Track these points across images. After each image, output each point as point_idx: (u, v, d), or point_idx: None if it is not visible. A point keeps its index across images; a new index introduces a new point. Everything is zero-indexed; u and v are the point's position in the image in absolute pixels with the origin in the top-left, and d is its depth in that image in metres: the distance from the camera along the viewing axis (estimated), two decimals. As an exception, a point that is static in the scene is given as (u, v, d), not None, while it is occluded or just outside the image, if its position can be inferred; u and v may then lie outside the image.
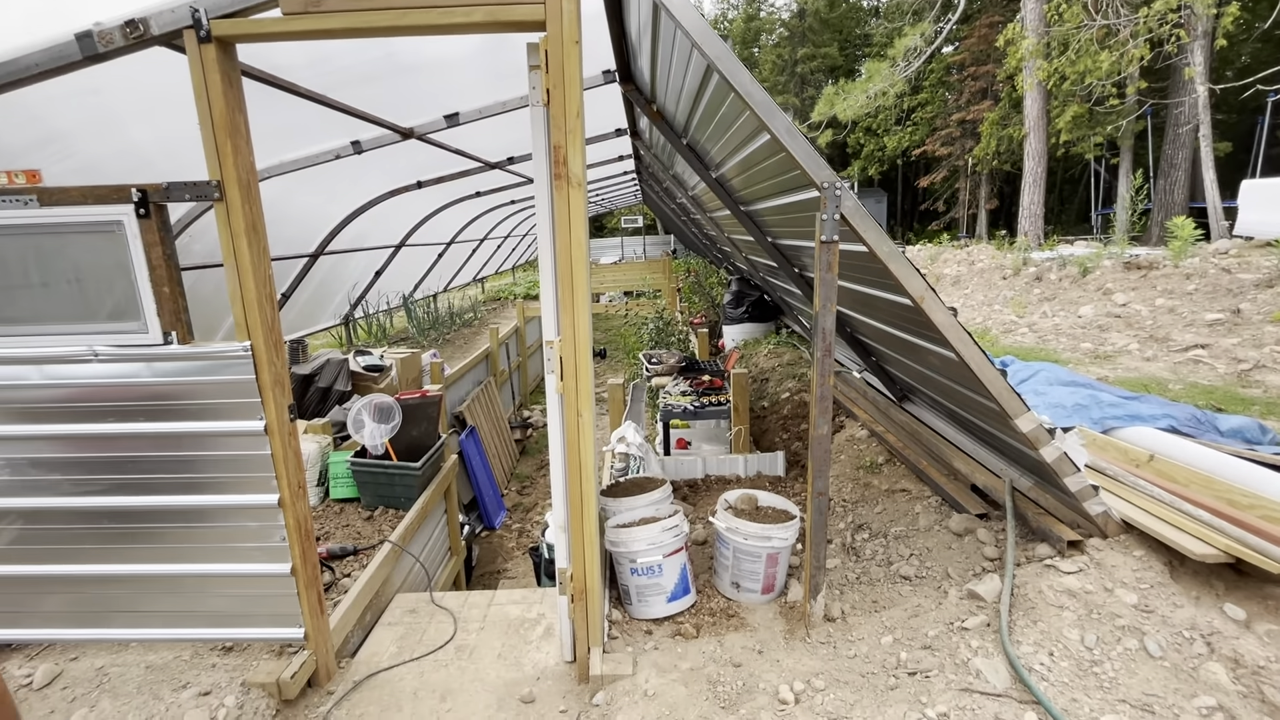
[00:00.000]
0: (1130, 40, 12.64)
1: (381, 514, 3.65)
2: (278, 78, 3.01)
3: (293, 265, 6.49)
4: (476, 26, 1.84)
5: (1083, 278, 8.67)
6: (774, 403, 6.03)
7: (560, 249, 2.06)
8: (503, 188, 8.09)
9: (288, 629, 2.38)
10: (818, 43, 30.39)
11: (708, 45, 1.97)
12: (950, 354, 2.30)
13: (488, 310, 13.76)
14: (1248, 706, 1.80)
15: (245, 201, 2.00)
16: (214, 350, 2.12)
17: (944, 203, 26.63)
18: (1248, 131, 18.35)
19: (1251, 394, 4.52)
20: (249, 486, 2.25)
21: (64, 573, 2.32)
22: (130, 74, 2.53)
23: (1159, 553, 2.30)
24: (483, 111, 4.17)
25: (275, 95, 3.22)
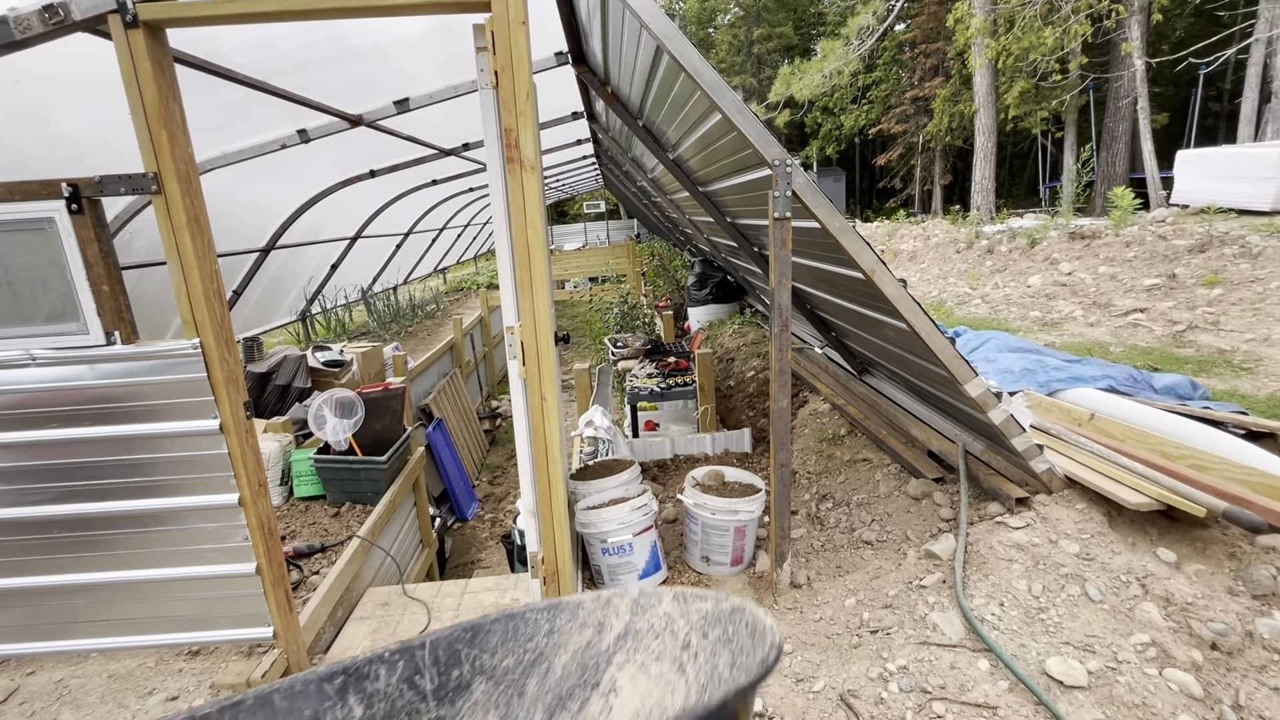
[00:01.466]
0: (1072, 16, 13.02)
1: (349, 510, 3.61)
2: (215, 64, 2.89)
3: (244, 261, 6.28)
4: (418, 8, 1.80)
5: (1031, 249, 8.98)
6: (740, 381, 6.12)
7: (516, 233, 2.05)
8: (460, 175, 7.94)
9: (256, 629, 2.35)
10: (773, 22, 30.42)
11: (655, 24, 1.97)
12: (902, 324, 2.38)
13: (451, 301, 13.55)
14: (1178, 640, 1.94)
15: (185, 194, 1.93)
16: (161, 349, 2.05)
17: (900, 180, 27.14)
18: (1183, 104, 19.16)
19: (1185, 353, 4.78)
20: (207, 487, 2.20)
21: (16, 585, 2.24)
22: (61, 61, 2.40)
23: (1099, 504, 2.44)
24: (433, 96, 4.08)
25: (215, 82, 3.09)
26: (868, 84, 26.27)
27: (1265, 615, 2.01)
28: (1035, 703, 1.79)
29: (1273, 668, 1.90)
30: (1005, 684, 1.86)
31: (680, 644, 1.12)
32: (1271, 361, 4.38)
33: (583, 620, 1.22)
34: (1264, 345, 4.78)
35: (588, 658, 1.19)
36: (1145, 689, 1.79)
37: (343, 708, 1.06)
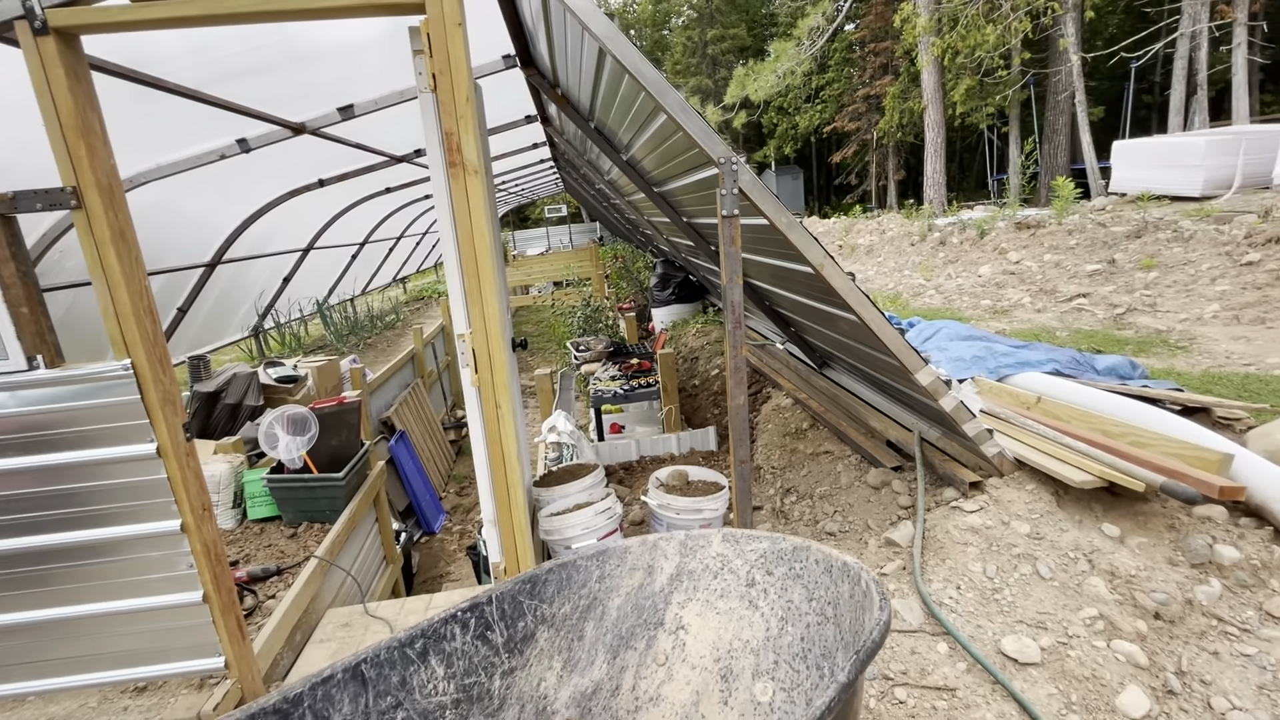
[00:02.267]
0: (1012, 14, 13.50)
1: (306, 530, 3.50)
2: (142, 73, 2.77)
3: (188, 276, 6.05)
4: (350, 10, 1.76)
5: (981, 240, 9.26)
6: (704, 380, 6.15)
7: (463, 239, 2.02)
8: (414, 182, 7.80)
9: (206, 659, 2.25)
10: (726, 23, 30.77)
11: (595, 25, 1.96)
12: (853, 317, 2.42)
13: (411, 311, 13.31)
14: (1123, 612, 2.01)
15: (108, 207, 1.84)
16: (89, 372, 1.95)
17: (856, 176, 27.73)
18: (1117, 97, 20.04)
19: (1125, 335, 4.98)
20: (146, 514, 2.10)
21: (-64, 630, 2.10)
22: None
23: (1047, 485, 2.52)
24: (379, 102, 3.99)
25: (147, 92, 2.96)
26: (820, 84, 26.78)
27: (1203, 583, 2.10)
28: (992, 682, 1.84)
29: (1211, 633, 1.98)
30: (963, 665, 1.90)
31: (744, 581, 1.24)
32: (1204, 340, 4.59)
33: (631, 564, 1.36)
34: (1197, 324, 5.02)
35: (642, 599, 1.32)
36: (1095, 661, 1.85)
37: (426, 670, 1.11)
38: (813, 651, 1.09)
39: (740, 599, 1.26)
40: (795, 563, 1.20)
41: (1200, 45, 13.93)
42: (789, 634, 1.16)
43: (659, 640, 1.29)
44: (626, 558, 1.34)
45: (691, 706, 1.20)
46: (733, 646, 1.23)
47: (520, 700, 1.18)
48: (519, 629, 1.22)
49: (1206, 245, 6.53)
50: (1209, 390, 3.42)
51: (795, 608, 1.16)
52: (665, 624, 1.30)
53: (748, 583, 1.25)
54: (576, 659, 1.26)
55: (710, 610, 1.28)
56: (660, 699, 1.23)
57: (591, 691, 1.23)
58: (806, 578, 1.16)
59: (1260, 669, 1.85)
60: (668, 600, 1.32)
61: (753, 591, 1.24)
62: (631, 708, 1.23)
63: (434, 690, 1.10)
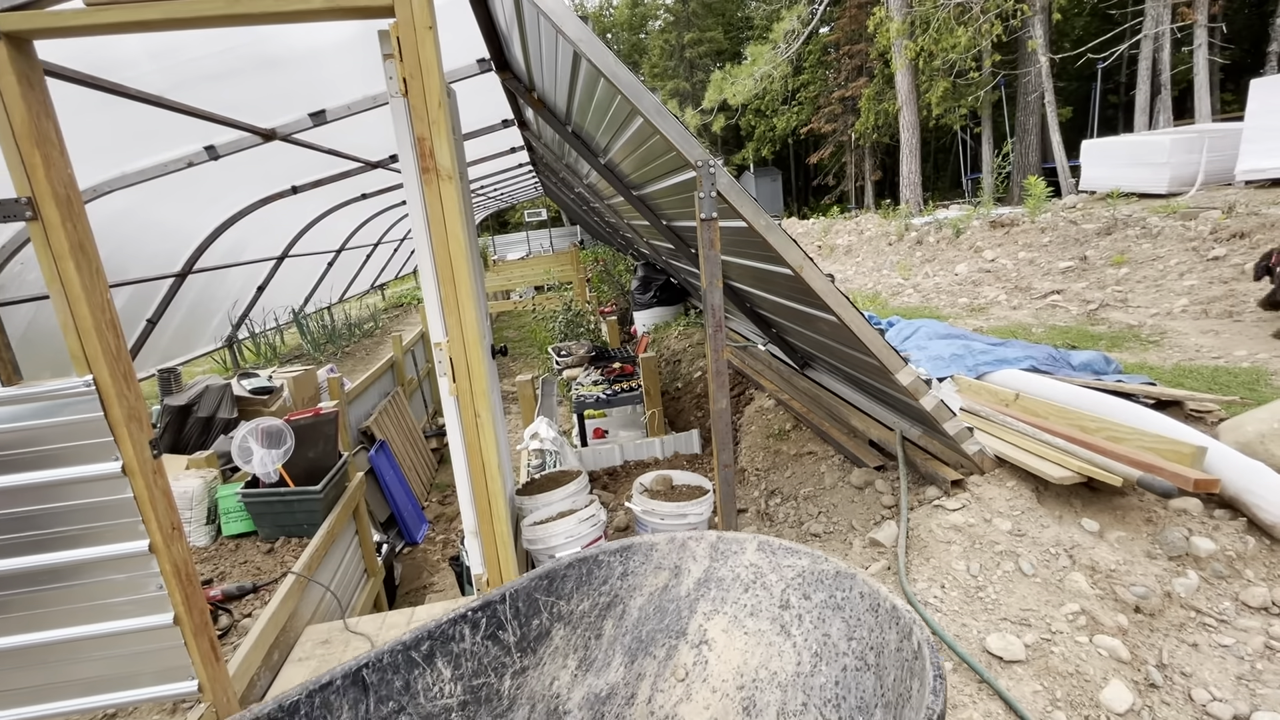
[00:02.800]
0: (982, 16, 13.75)
1: (283, 545, 3.42)
2: (99, 78, 2.69)
3: (158, 287, 5.89)
4: (316, 15, 1.71)
5: (957, 238, 9.39)
6: (687, 382, 6.15)
7: (438, 245, 1.98)
8: (390, 188, 7.70)
9: (179, 683, 2.18)
10: (703, 27, 30.94)
11: (569, 29, 1.94)
12: (832, 317, 2.42)
13: (390, 318, 13.14)
14: (1104, 606, 2.03)
15: (66, 218, 1.78)
16: (47, 390, 1.88)
17: (834, 177, 28.01)
18: (1085, 97, 20.51)
19: (1099, 330, 5.07)
20: (112, 535, 2.03)
21: (-111, 663, 2.00)
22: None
23: (1027, 481, 2.54)
24: (352, 108, 3.93)
25: (110, 99, 2.88)
26: (796, 86, 27.01)
27: (1181, 575, 2.13)
28: (978, 681, 1.84)
29: (1190, 625, 2.01)
30: (949, 665, 1.90)
31: (778, 602, 1.14)
32: (1175, 334, 4.69)
33: (657, 563, 1.27)
34: (1167, 319, 5.12)
35: (666, 602, 1.24)
36: (1078, 657, 1.86)
37: (432, 672, 1.04)
38: (847, 701, 0.99)
39: (772, 621, 1.16)
40: (837, 590, 1.09)
41: (1163, 46, 14.31)
42: (823, 674, 1.05)
43: (680, 651, 1.23)
44: (652, 555, 1.28)
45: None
46: (759, 675, 1.14)
47: (531, 700, 1.14)
48: (533, 627, 1.18)
49: (1174, 241, 6.68)
50: (1181, 384, 3.49)
51: (833, 644, 1.06)
52: (688, 634, 1.23)
53: (781, 604, 1.15)
54: (593, 658, 1.21)
55: (738, 628, 1.19)
56: (676, 718, 1.16)
57: (606, 695, 1.18)
58: (848, 611, 1.06)
59: (1238, 659, 1.88)
60: (693, 608, 1.25)
61: (786, 615, 1.14)
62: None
63: (439, 693, 1.07)
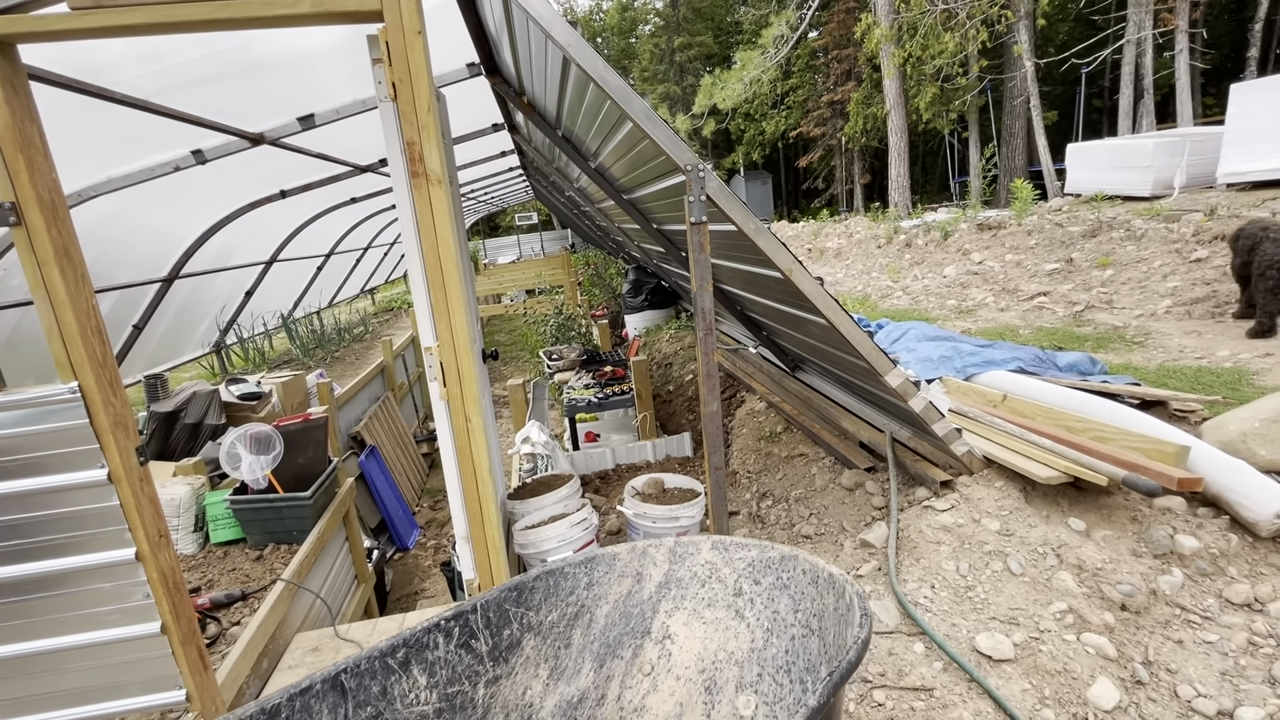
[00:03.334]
0: (968, 22, 13.90)
1: (272, 552, 3.40)
2: (85, 82, 2.67)
3: (144, 292, 5.84)
4: (304, 19, 1.71)
5: (945, 241, 9.47)
6: (679, 385, 6.16)
7: (427, 250, 1.98)
8: (380, 192, 7.67)
9: (166, 693, 2.16)
10: (693, 31, 31.07)
11: (558, 34, 1.95)
12: (822, 320, 2.44)
13: (380, 322, 13.08)
14: (1091, 605, 2.05)
15: (51, 224, 1.76)
16: (33, 396, 1.86)
17: (823, 180, 28.17)
18: (1069, 101, 20.78)
19: (1085, 331, 5.13)
20: (98, 543, 2.01)
21: None
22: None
23: (1015, 481, 2.57)
24: (340, 112, 3.91)
25: (95, 103, 2.85)
26: (785, 90, 27.17)
27: (1165, 573, 2.16)
28: (968, 680, 1.85)
29: (1175, 622, 2.03)
30: (940, 665, 1.92)
31: (731, 590, 1.22)
32: (1159, 335, 4.75)
33: (620, 571, 1.33)
34: (1151, 320, 5.19)
35: (630, 607, 1.30)
36: (1065, 655, 1.88)
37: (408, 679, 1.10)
38: (796, 665, 1.08)
39: (727, 608, 1.25)
40: (783, 572, 1.20)
41: (1145, 51, 14.53)
42: (774, 646, 1.16)
43: (645, 649, 1.29)
44: (615, 564, 1.34)
45: (675, 718, 1.20)
46: (718, 658, 1.23)
47: (505, 709, 1.18)
48: (504, 637, 1.22)
49: (1158, 243, 6.77)
50: (1165, 384, 3.53)
51: (781, 619, 1.16)
52: (652, 633, 1.30)
53: (735, 592, 1.25)
54: (563, 667, 1.25)
55: (697, 619, 1.27)
56: (644, 709, 1.22)
57: (577, 700, 1.23)
58: (793, 588, 1.16)
59: (1222, 655, 1.90)
60: (655, 608, 1.31)
61: (740, 601, 1.24)
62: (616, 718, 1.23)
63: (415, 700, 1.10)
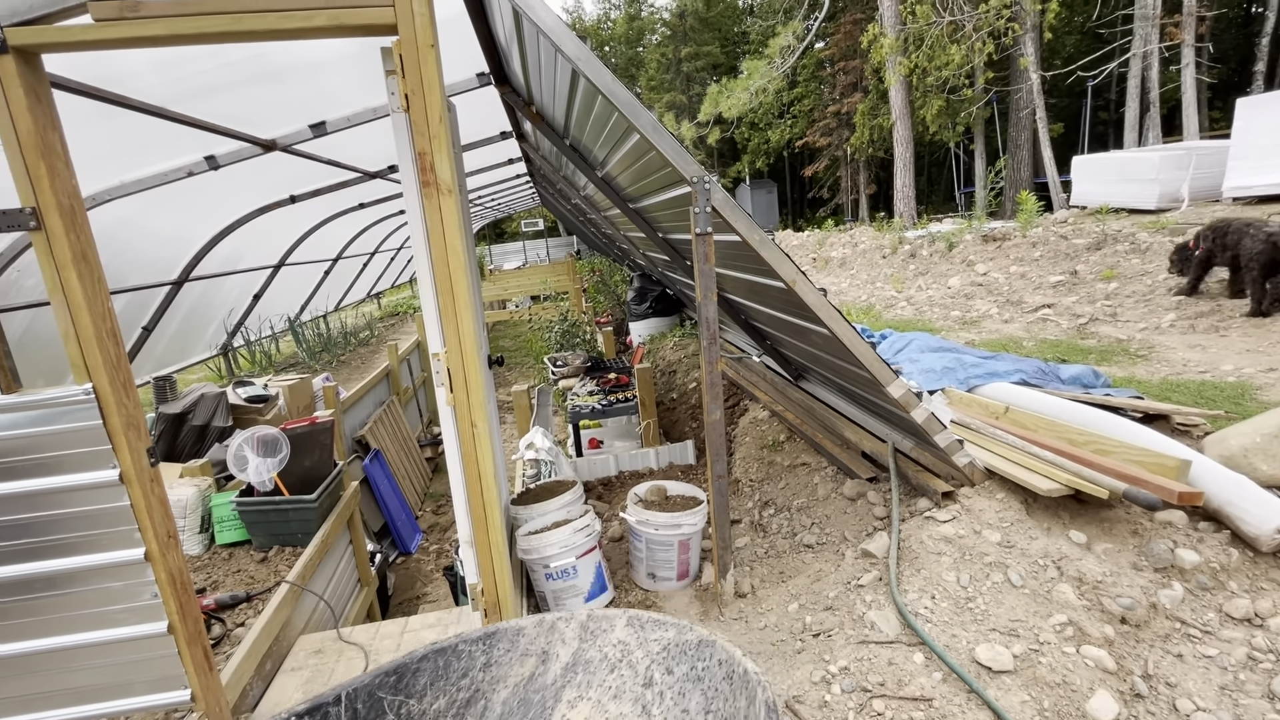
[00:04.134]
0: (974, 34, 13.97)
1: (277, 554, 3.42)
2: (107, 91, 2.72)
3: (154, 295, 5.90)
4: (319, 31, 1.75)
5: (949, 252, 9.49)
6: (682, 393, 6.17)
7: (436, 258, 2.01)
8: (388, 198, 7.75)
9: (171, 693, 2.18)
10: (699, 41, 31.28)
11: (568, 46, 1.99)
12: (825, 330, 2.46)
13: (385, 327, 13.15)
14: (1091, 617, 2.05)
15: (70, 229, 1.80)
16: (47, 398, 1.90)
17: (828, 190, 28.25)
18: (1075, 113, 20.81)
19: (1089, 344, 5.13)
20: (108, 543, 2.03)
21: (-120, 671, 2.00)
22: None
23: (1017, 493, 2.58)
24: (352, 119, 3.97)
25: (112, 109, 2.91)
26: (790, 100, 27.29)
27: (1166, 587, 2.16)
28: (967, 691, 1.86)
29: (1175, 636, 2.04)
30: (939, 675, 1.92)
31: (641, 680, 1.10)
32: (1163, 348, 4.75)
33: (524, 649, 1.20)
34: (1155, 333, 5.19)
35: (531, 692, 1.16)
36: (1065, 667, 1.89)
37: None
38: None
39: (634, 702, 1.14)
40: (698, 661, 1.10)
41: (1152, 65, 14.56)
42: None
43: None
44: (519, 641, 1.23)
45: None
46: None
47: None
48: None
49: (1162, 257, 6.77)
50: (1168, 398, 3.53)
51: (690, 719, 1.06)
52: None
53: (645, 682, 1.14)
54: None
55: (599, 713, 1.16)
56: None
57: None
58: (707, 682, 1.07)
59: (1222, 670, 1.91)
60: (558, 696, 1.19)
61: (649, 694, 1.13)
62: None
63: None
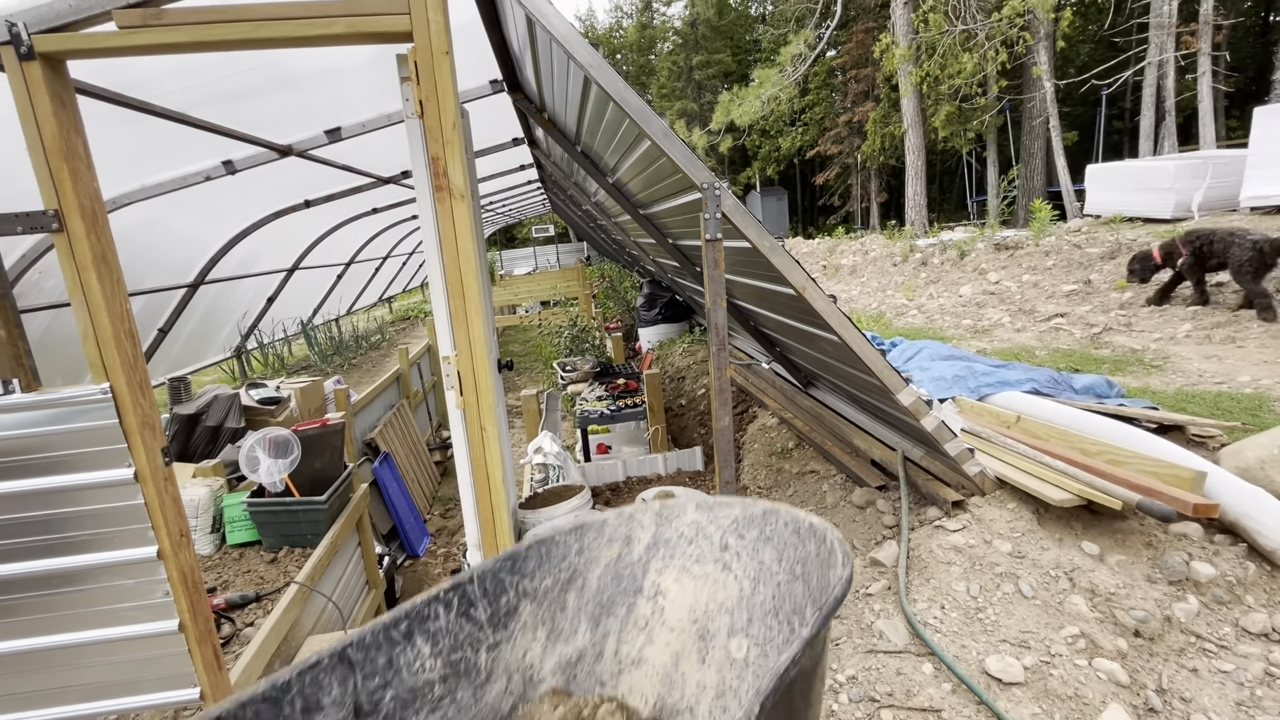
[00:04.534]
0: (987, 43, 13.93)
1: (287, 555, 3.44)
2: (129, 96, 2.78)
3: (170, 297, 5.99)
4: (338, 39, 1.78)
5: (961, 260, 9.44)
6: (691, 399, 6.17)
7: (448, 262, 2.03)
8: (401, 203, 7.82)
9: (181, 691, 2.20)
10: (711, 49, 31.39)
11: (580, 54, 2.01)
12: (834, 338, 2.45)
13: (396, 331, 13.24)
14: (1104, 630, 2.03)
15: (91, 231, 1.84)
16: (66, 396, 1.93)
17: (839, 197, 28.18)
18: (1090, 122, 20.67)
19: (1102, 354, 5.08)
20: (122, 541, 2.06)
21: (-102, 664, 2.03)
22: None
23: (1028, 503, 2.55)
24: (366, 125, 4.02)
25: (132, 114, 2.97)
26: (801, 107, 27.29)
27: (1181, 600, 2.13)
28: (977, 702, 1.84)
29: (1190, 650, 2.01)
30: (948, 686, 1.90)
31: (718, 546, 1.28)
32: (1178, 359, 4.70)
33: (609, 536, 1.38)
34: (1170, 344, 5.13)
35: (621, 569, 1.36)
36: (1077, 680, 1.86)
37: (412, 649, 1.14)
38: (784, 608, 1.15)
39: (715, 563, 1.32)
40: (766, 526, 1.26)
41: (1167, 74, 14.44)
42: (761, 593, 1.23)
43: (639, 606, 1.35)
44: (604, 530, 1.41)
45: (672, 666, 1.27)
46: (709, 608, 1.29)
47: (508, 671, 1.24)
48: (502, 604, 1.28)
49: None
50: (1183, 409, 3.49)
51: (766, 568, 1.23)
52: (644, 591, 1.36)
53: (721, 547, 1.32)
54: (560, 629, 1.31)
55: (686, 575, 1.34)
56: (642, 661, 1.29)
57: (576, 659, 1.29)
58: (776, 540, 1.23)
59: (1238, 685, 1.87)
60: (645, 568, 1.37)
61: (726, 555, 1.31)
62: (615, 671, 1.30)
63: (421, 668, 1.15)
